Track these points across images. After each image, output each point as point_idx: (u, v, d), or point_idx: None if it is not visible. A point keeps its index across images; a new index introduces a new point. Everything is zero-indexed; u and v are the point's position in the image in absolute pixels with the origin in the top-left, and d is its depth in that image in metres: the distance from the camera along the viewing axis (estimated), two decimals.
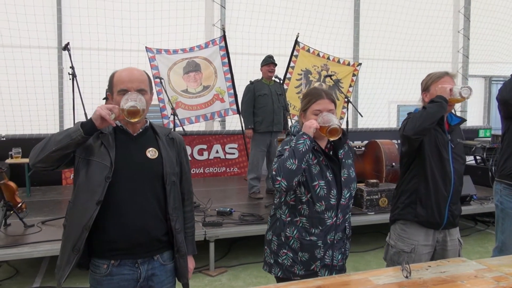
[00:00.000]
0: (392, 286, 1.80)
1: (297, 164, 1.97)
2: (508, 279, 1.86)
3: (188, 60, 6.19)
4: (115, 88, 1.87)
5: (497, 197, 2.97)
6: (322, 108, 2.09)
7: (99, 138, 1.86)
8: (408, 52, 8.56)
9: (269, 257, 2.21)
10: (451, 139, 2.49)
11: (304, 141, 2.00)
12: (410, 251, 2.46)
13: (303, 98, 2.21)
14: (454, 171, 2.47)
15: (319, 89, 2.20)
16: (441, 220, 2.47)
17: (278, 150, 2.13)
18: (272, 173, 2.01)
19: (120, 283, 1.85)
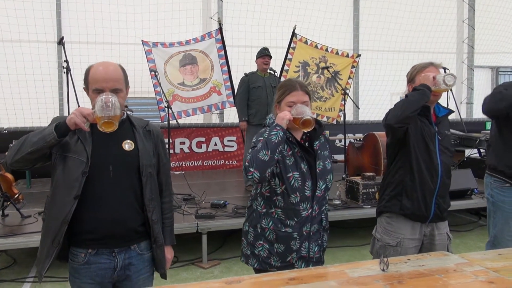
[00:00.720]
0: (366, 279, 1.76)
1: (269, 155, 1.95)
2: (488, 273, 1.81)
3: (184, 53, 6.16)
4: (90, 86, 1.89)
5: (488, 191, 2.93)
6: (296, 100, 2.08)
7: (76, 133, 1.87)
8: (410, 43, 8.43)
9: (246, 248, 2.21)
10: (438, 131, 2.44)
11: (277, 132, 1.99)
12: (396, 245, 2.42)
13: (277, 90, 2.21)
14: (441, 163, 2.42)
15: (294, 81, 2.20)
16: (427, 213, 2.42)
17: (252, 141, 2.12)
18: (245, 164, 2.01)
19: (97, 272, 1.89)
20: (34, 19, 6.57)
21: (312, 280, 1.77)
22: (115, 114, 1.76)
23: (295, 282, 1.75)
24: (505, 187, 2.83)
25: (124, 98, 1.93)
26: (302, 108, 2.02)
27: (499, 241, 2.87)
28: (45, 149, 1.80)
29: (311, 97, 2.17)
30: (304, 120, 1.98)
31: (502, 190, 2.85)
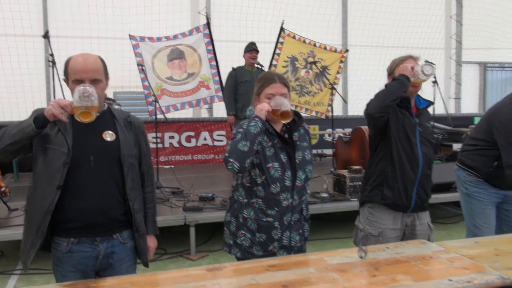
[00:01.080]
0: (343, 266, 1.80)
1: (249, 146, 1.99)
2: (463, 260, 1.85)
3: (172, 47, 6.14)
4: (70, 76, 1.90)
5: (460, 183, 2.97)
6: (275, 92, 2.11)
7: (56, 124, 1.88)
8: (399, 39, 8.49)
9: (229, 238, 2.24)
10: (419, 123, 2.47)
11: (255, 123, 2.02)
12: (378, 235, 2.45)
13: (257, 82, 2.23)
14: (422, 154, 2.45)
15: (273, 73, 2.25)
16: (408, 203, 2.45)
17: (232, 133, 2.15)
18: (225, 154, 2.04)
19: (80, 260, 1.91)
20: (20, 13, 6.52)
21: (292, 267, 1.81)
22: (92, 104, 1.77)
23: (275, 269, 1.78)
24: (479, 181, 2.89)
25: (104, 89, 1.95)
26: (280, 100, 2.06)
27: (477, 230, 2.92)
28: (24, 141, 1.81)
29: (290, 89, 2.19)
30: (283, 111, 2.02)
31: (475, 183, 2.91)
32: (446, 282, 1.62)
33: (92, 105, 1.77)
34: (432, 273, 1.72)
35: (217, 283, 1.66)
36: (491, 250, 1.97)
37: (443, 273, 1.70)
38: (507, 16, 9.53)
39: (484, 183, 2.89)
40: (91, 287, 1.66)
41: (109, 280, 1.73)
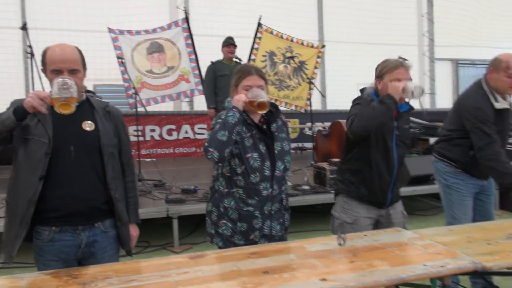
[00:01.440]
0: (323, 253, 1.86)
1: (227, 136, 2.02)
2: (436, 246, 1.94)
3: (151, 41, 6.10)
4: (47, 67, 1.89)
5: (439, 174, 3.05)
6: (252, 84, 2.15)
7: (36, 115, 1.87)
8: (373, 35, 8.63)
9: (210, 228, 2.26)
10: (397, 126, 2.52)
11: (233, 113, 2.05)
12: (352, 222, 2.51)
13: (234, 74, 2.26)
14: (397, 157, 2.51)
15: (249, 66, 2.28)
16: (384, 201, 2.53)
17: (212, 123, 2.17)
18: (205, 144, 2.06)
19: (62, 249, 1.90)
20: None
21: (273, 254, 1.86)
22: (72, 96, 1.77)
23: (256, 256, 1.83)
24: (457, 171, 2.98)
25: (82, 79, 1.95)
26: (257, 91, 2.10)
27: (455, 222, 3.00)
28: (4, 133, 1.80)
29: (267, 82, 2.23)
30: (259, 102, 2.06)
31: (454, 174, 2.99)
32: (421, 267, 1.69)
33: (71, 96, 1.77)
34: (407, 259, 1.79)
35: (199, 270, 1.69)
36: (464, 238, 2.06)
37: (418, 259, 1.78)
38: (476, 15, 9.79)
39: (463, 174, 2.95)
40: (73, 275, 1.68)
41: (92, 268, 1.75)
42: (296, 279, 1.58)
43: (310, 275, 1.61)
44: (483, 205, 3.01)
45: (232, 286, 1.53)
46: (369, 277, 1.60)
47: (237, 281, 1.57)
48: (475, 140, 2.82)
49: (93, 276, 1.65)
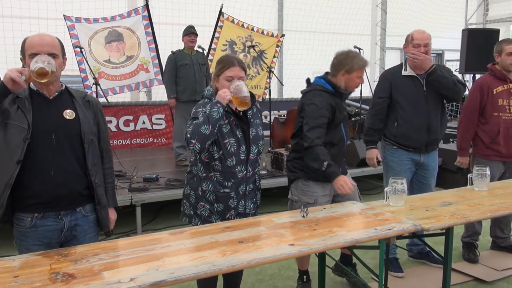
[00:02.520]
0: (290, 224, 2.11)
1: (210, 130, 2.19)
2: (384, 214, 2.24)
3: (109, 29, 6.04)
4: (26, 52, 1.95)
5: (382, 153, 3.37)
6: (234, 75, 2.30)
7: (16, 102, 1.94)
8: (330, 25, 8.94)
9: (189, 210, 2.42)
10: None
11: (217, 109, 2.21)
12: (313, 202, 2.75)
13: (217, 64, 2.39)
14: (345, 134, 2.86)
15: (232, 57, 2.41)
16: None
17: (192, 112, 2.32)
18: (187, 135, 2.21)
19: (45, 234, 1.99)
20: None
21: (245, 227, 2.08)
22: (50, 65, 1.85)
23: (230, 230, 2.05)
24: (393, 149, 3.31)
25: (61, 65, 2.01)
26: (240, 87, 2.23)
27: None
28: None
29: (247, 73, 2.40)
30: (242, 101, 2.22)
31: (391, 151, 3.33)
32: (372, 231, 1.98)
33: (49, 64, 1.85)
34: (361, 225, 2.08)
35: (181, 243, 1.89)
36: (407, 206, 2.38)
37: (370, 224, 2.07)
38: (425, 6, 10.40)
39: (398, 150, 3.28)
40: (63, 254, 1.81)
41: (79, 247, 1.89)
42: (268, 246, 1.81)
43: (279, 242, 1.85)
44: (423, 181, 3.35)
45: (213, 254, 1.74)
46: (330, 240, 1.86)
47: (217, 250, 1.79)
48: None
49: (82, 254, 1.79)
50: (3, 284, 1.53)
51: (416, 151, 3.26)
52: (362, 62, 2.74)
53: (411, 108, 3.19)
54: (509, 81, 3.35)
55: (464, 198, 2.55)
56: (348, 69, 2.71)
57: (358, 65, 2.71)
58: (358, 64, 2.71)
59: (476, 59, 5.59)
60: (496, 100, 3.33)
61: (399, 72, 3.25)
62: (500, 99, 3.33)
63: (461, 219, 2.17)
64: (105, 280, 1.54)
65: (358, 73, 2.72)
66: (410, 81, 3.20)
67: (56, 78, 2.00)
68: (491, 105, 3.34)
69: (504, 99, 3.33)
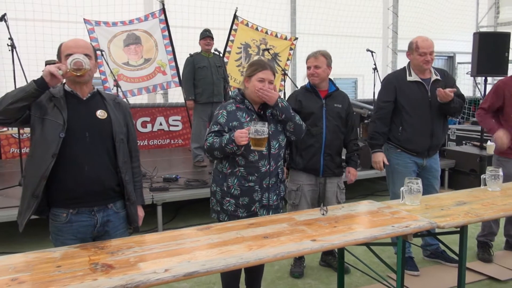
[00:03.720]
0: (310, 221, 2.21)
1: (221, 156, 2.47)
2: (401, 213, 2.33)
3: (128, 32, 6.22)
4: (62, 54, 2.09)
5: (386, 156, 3.42)
6: (265, 77, 2.45)
7: (52, 100, 2.08)
8: (342, 28, 9.03)
9: (216, 206, 2.57)
10: (326, 103, 3.13)
11: (232, 147, 2.38)
12: (296, 189, 3.12)
13: (249, 66, 2.55)
14: (325, 128, 3.10)
15: (264, 61, 2.59)
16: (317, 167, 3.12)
17: (214, 114, 2.48)
18: (204, 146, 2.49)
19: (79, 229, 2.12)
20: None
21: (268, 224, 2.19)
22: (85, 60, 1.99)
23: (254, 226, 2.15)
24: (397, 152, 3.39)
25: (94, 67, 2.16)
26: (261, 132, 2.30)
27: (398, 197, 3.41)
28: (25, 100, 1.96)
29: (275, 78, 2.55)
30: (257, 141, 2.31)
31: (395, 154, 3.40)
32: (390, 228, 2.07)
33: (85, 60, 1.99)
34: (379, 222, 2.17)
35: (209, 238, 2.00)
36: (423, 206, 2.47)
37: (387, 222, 2.16)
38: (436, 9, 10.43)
39: (402, 153, 3.35)
40: (99, 247, 1.93)
41: (114, 241, 2.01)
42: (292, 241, 1.92)
43: (302, 238, 1.95)
44: (427, 183, 3.38)
45: (240, 248, 1.85)
46: (349, 237, 1.96)
47: (243, 244, 1.89)
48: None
49: (117, 247, 1.91)
50: (48, 273, 1.65)
51: (419, 155, 3.35)
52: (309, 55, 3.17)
53: (416, 113, 3.27)
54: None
55: (477, 198, 2.63)
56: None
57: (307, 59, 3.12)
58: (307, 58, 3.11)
59: (487, 62, 5.63)
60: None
61: (404, 77, 3.32)
62: None
63: (475, 217, 2.25)
64: (142, 271, 1.66)
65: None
66: (415, 86, 3.28)
67: (89, 78, 2.14)
68: (509, 107, 3.40)
69: None
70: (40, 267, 1.71)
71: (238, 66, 7.22)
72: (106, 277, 1.61)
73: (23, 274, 1.64)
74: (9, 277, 1.62)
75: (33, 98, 1.99)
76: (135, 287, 1.57)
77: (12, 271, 1.67)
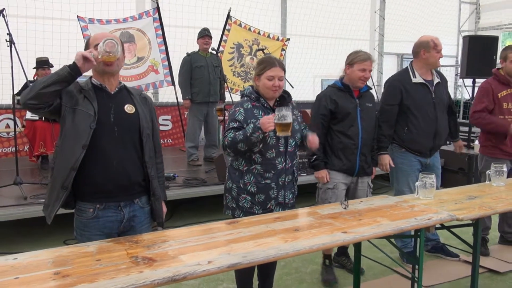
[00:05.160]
0: (334, 215, 2.27)
1: (245, 148, 2.41)
2: (419, 206, 2.42)
3: (121, 30, 6.16)
4: (91, 46, 2.08)
5: (390, 155, 3.51)
6: (275, 75, 2.47)
7: (82, 92, 2.07)
8: (331, 30, 9.17)
9: (231, 202, 2.57)
10: (359, 103, 3.12)
11: (258, 135, 2.36)
12: (333, 187, 3.10)
13: (258, 65, 2.57)
14: (361, 129, 3.09)
15: (273, 58, 2.59)
16: (353, 167, 3.12)
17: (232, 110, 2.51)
18: (225, 142, 2.45)
19: (106, 224, 2.11)
20: None
21: (294, 218, 2.25)
22: (116, 48, 1.98)
23: (281, 220, 2.20)
24: (402, 151, 3.50)
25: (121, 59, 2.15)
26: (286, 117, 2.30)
27: (401, 194, 3.50)
28: (57, 84, 1.94)
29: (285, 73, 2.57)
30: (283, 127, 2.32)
31: (400, 153, 3.51)
32: (413, 220, 2.16)
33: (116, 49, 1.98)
34: (401, 215, 2.25)
35: (240, 232, 2.03)
36: (437, 200, 2.57)
37: (409, 215, 2.25)
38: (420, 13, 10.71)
39: (406, 153, 3.46)
40: (133, 241, 1.94)
41: (146, 235, 2.02)
42: (323, 233, 1.97)
43: (332, 230, 2.01)
44: None
45: (275, 240, 1.89)
46: (378, 229, 2.03)
47: (276, 237, 1.94)
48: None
49: (151, 241, 1.92)
50: (89, 266, 1.66)
51: (421, 155, 3.47)
52: (363, 56, 3.06)
53: (421, 114, 3.37)
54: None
55: (485, 192, 2.75)
56: (350, 62, 3.07)
57: (358, 59, 3.04)
58: (358, 58, 3.04)
59: (476, 65, 5.84)
60: (501, 103, 3.56)
61: (409, 79, 3.42)
62: (505, 102, 3.57)
63: (489, 210, 2.37)
64: (185, 263, 1.68)
65: (359, 65, 3.01)
66: (420, 88, 3.40)
67: (118, 69, 2.14)
68: (497, 108, 3.56)
69: (508, 102, 3.57)
70: (79, 261, 1.71)
71: (231, 66, 7.25)
72: (150, 269, 1.63)
73: (64, 268, 1.64)
74: (50, 271, 1.61)
75: (65, 83, 1.97)
76: (182, 278, 1.60)
77: (51, 265, 1.67)
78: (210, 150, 6.07)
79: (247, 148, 2.41)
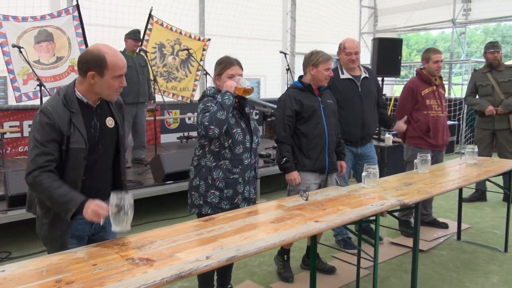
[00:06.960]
0: (299, 206, 2.49)
1: (225, 115, 2.48)
2: (370, 194, 2.74)
3: (39, 29, 5.77)
4: (111, 72, 1.99)
5: None
6: (234, 73, 2.62)
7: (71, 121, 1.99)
8: (245, 30, 9.47)
9: (198, 200, 2.64)
10: (321, 101, 3.22)
11: (228, 96, 2.51)
12: (305, 189, 3.06)
13: (217, 65, 2.68)
14: (327, 126, 3.18)
15: (231, 58, 2.70)
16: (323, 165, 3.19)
17: (201, 107, 2.56)
18: (205, 123, 2.45)
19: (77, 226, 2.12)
20: None
21: (265, 211, 2.42)
22: None
23: (254, 214, 2.37)
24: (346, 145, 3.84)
25: None
26: (243, 79, 2.57)
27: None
28: (52, 208, 2.02)
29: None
30: (246, 89, 2.56)
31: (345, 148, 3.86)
32: (370, 207, 2.46)
33: None
34: (358, 203, 2.54)
35: (221, 227, 2.15)
36: (379, 188, 2.92)
37: (365, 202, 2.55)
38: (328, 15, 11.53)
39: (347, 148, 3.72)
40: (118, 244, 1.95)
41: (130, 237, 2.03)
42: (298, 224, 2.17)
43: (305, 220, 2.23)
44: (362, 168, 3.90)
45: (259, 232, 2.05)
46: (344, 216, 2.29)
47: (258, 229, 2.10)
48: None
49: (139, 242, 1.94)
50: (89, 272, 1.66)
51: (352, 145, 3.80)
52: (326, 56, 3.19)
53: (348, 107, 3.70)
54: (433, 84, 4.15)
55: (415, 179, 3.19)
56: (314, 63, 3.17)
57: (323, 58, 3.16)
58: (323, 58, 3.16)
59: (384, 64, 6.51)
60: (424, 100, 4.10)
61: (337, 75, 3.76)
62: (428, 99, 4.11)
63: (427, 194, 2.77)
64: (184, 260, 1.76)
65: (324, 65, 3.16)
66: (347, 83, 3.77)
67: None
68: (421, 104, 4.10)
69: (431, 99, 4.12)
70: (75, 267, 1.70)
71: (153, 66, 7.15)
72: (153, 269, 1.68)
73: (64, 275, 1.63)
74: (50, 279, 1.60)
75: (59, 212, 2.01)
76: (188, 274, 1.68)
77: (47, 274, 1.65)
78: (139, 151, 5.98)
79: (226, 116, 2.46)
